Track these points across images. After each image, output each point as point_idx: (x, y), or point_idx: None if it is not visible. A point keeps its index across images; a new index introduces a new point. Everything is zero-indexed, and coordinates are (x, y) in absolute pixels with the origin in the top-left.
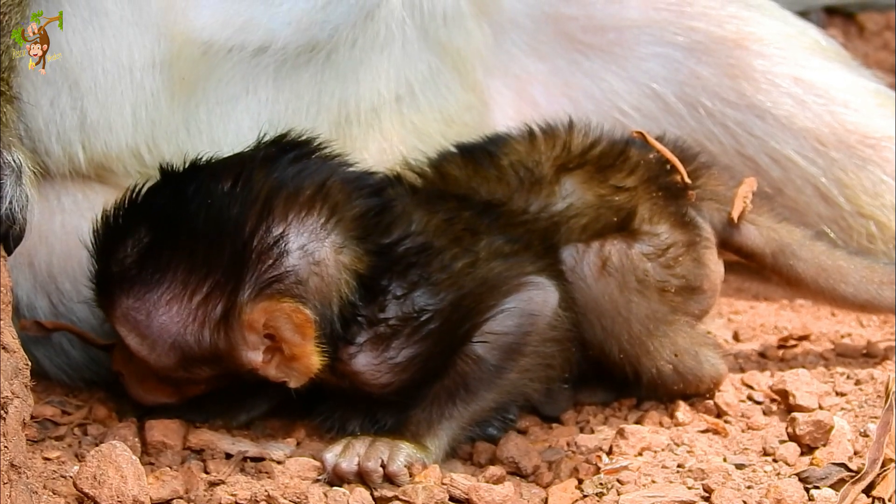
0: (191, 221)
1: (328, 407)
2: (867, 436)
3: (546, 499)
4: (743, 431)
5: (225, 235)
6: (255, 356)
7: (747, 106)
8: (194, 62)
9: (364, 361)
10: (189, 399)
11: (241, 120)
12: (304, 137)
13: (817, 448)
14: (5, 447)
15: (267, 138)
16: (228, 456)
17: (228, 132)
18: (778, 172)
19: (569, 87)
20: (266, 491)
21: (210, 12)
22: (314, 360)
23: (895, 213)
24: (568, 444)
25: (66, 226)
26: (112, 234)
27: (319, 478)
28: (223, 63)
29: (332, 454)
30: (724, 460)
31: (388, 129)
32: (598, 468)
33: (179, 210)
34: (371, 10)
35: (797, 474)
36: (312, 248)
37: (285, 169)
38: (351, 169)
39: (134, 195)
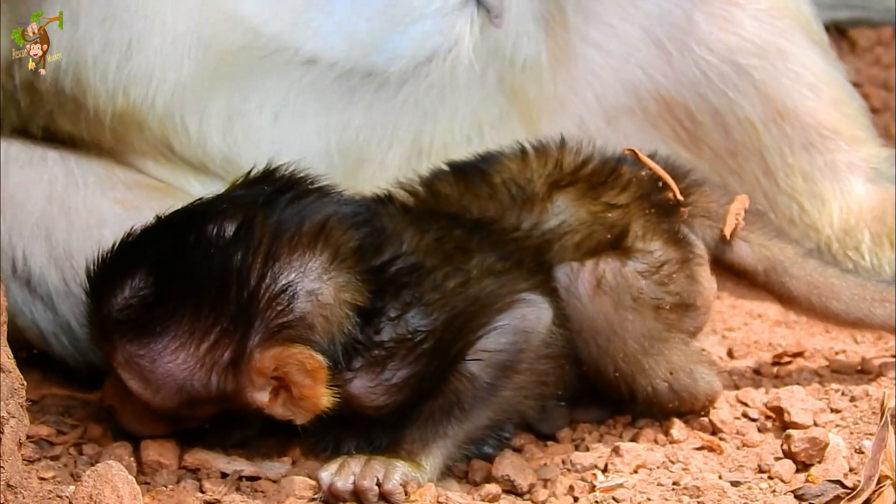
0: (195, 270)
1: (322, 427)
2: (862, 452)
3: None
4: (738, 448)
5: (230, 283)
6: (261, 397)
7: (730, 60)
8: (237, 51)
9: (360, 385)
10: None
11: (309, 138)
12: (297, 174)
13: (813, 465)
14: (2, 467)
15: (256, 172)
16: (224, 475)
17: (292, 149)
18: (739, 135)
19: None
20: None
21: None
22: (324, 400)
23: (819, 204)
24: (563, 462)
25: (87, 203)
26: (113, 278)
27: (315, 497)
28: (270, 62)
29: (328, 473)
30: (720, 478)
31: None
32: (594, 486)
33: (182, 258)
34: (434, 52)
35: (792, 491)
36: (318, 290)
37: (284, 210)
38: (346, 202)
39: (133, 239)
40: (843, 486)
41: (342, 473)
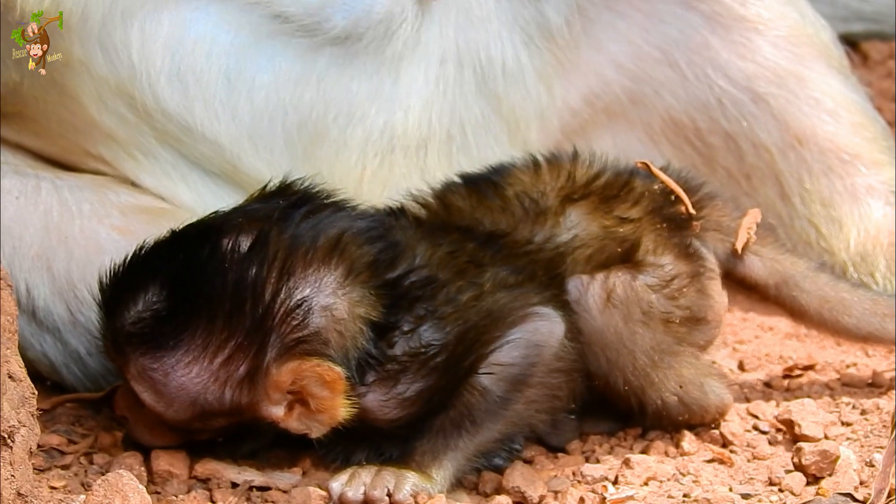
0: (209, 284)
1: (333, 438)
2: (873, 465)
3: None
4: (748, 461)
5: (245, 298)
6: (277, 411)
7: (747, 88)
8: None
9: (373, 399)
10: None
11: (257, 97)
12: (312, 188)
13: (823, 478)
14: (12, 476)
15: (272, 186)
16: (234, 485)
17: (243, 104)
18: (753, 159)
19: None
20: None
21: None
22: (342, 411)
23: (837, 229)
24: (574, 474)
25: (84, 231)
26: (127, 291)
27: None
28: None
29: (339, 483)
30: (730, 490)
31: (433, 165)
32: (604, 498)
33: (196, 272)
34: (380, 21)
35: None
36: (333, 305)
37: (299, 225)
38: (360, 216)
39: (147, 252)
40: (854, 499)
41: (353, 484)
